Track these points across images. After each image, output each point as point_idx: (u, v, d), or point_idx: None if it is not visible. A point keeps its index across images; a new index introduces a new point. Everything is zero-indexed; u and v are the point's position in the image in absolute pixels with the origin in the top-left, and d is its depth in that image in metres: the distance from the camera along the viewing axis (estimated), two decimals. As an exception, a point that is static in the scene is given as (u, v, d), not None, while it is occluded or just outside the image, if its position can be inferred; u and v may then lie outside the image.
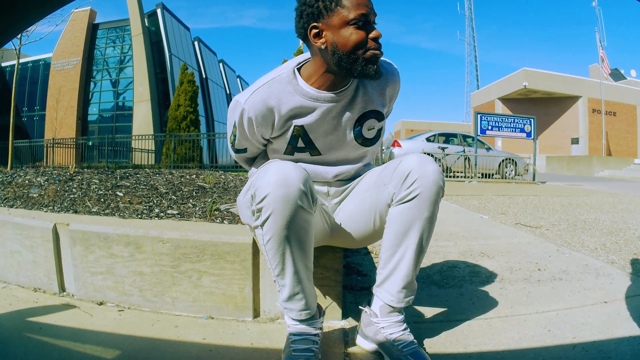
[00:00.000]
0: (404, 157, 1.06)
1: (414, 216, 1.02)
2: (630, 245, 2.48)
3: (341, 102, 1.09)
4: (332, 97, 1.07)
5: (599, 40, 23.59)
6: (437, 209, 1.04)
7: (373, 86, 1.13)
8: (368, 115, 1.13)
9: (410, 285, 1.07)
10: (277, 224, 0.92)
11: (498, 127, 10.79)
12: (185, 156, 12.11)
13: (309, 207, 0.94)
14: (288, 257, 0.96)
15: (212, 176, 2.84)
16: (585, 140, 23.14)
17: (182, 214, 1.74)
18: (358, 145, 1.16)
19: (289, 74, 1.07)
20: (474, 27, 46.45)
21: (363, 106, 1.11)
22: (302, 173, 0.94)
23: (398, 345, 1.03)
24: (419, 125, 33.32)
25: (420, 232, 1.03)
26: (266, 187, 0.91)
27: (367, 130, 1.15)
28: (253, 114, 1.06)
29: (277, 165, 0.94)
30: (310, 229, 0.98)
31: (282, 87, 1.06)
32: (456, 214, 3.59)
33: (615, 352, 1.09)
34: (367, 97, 1.12)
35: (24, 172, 2.83)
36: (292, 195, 0.91)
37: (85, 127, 20.49)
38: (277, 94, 1.05)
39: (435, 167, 1.02)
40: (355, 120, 1.12)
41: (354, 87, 1.10)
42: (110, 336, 1.19)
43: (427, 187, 1.00)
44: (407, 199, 1.02)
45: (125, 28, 20.43)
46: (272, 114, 1.06)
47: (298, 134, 1.10)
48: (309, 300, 1.03)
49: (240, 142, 1.17)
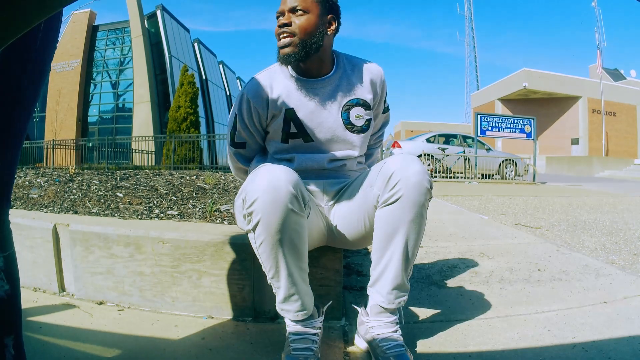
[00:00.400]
0: (389, 157, 1.06)
1: (399, 218, 1.01)
2: (630, 245, 2.48)
3: (326, 88, 1.19)
4: (316, 81, 1.18)
5: (598, 40, 23.61)
6: (423, 210, 1.02)
7: (356, 76, 1.22)
8: (354, 103, 1.21)
9: (401, 287, 1.07)
10: (267, 228, 0.92)
11: (498, 127, 10.80)
12: (185, 157, 12.11)
13: (300, 210, 0.94)
14: (281, 260, 0.96)
15: (212, 177, 2.84)
16: (585, 140, 23.15)
17: (182, 215, 1.74)
18: (347, 132, 1.21)
19: (281, 64, 1.19)
20: (474, 28, 46.45)
21: (347, 93, 1.20)
22: (292, 176, 0.94)
23: (383, 346, 1.03)
24: (419, 126, 33.34)
25: (406, 235, 1.02)
26: (255, 192, 0.92)
27: (355, 118, 1.21)
28: (251, 94, 1.17)
29: (267, 169, 0.95)
30: (303, 231, 0.98)
31: (275, 74, 1.19)
32: (456, 215, 3.59)
33: (615, 352, 1.09)
34: (351, 85, 1.21)
35: (24, 173, 2.83)
36: (281, 199, 0.91)
37: (85, 128, 20.52)
38: (270, 79, 1.19)
39: (419, 168, 1.01)
40: (342, 107, 1.20)
41: (338, 76, 1.20)
42: (110, 336, 1.19)
43: (409, 189, 0.99)
44: (390, 201, 1.01)
45: (125, 30, 20.48)
46: (266, 95, 1.17)
47: (289, 117, 1.18)
48: (305, 300, 1.03)
49: (240, 133, 1.24)
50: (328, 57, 1.19)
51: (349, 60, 1.23)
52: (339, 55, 1.23)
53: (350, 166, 1.24)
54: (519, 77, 23.67)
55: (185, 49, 21.67)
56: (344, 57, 1.24)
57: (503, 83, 25.45)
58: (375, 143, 1.41)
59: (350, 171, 1.25)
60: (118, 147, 14.98)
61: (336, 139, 1.20)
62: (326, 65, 1.19)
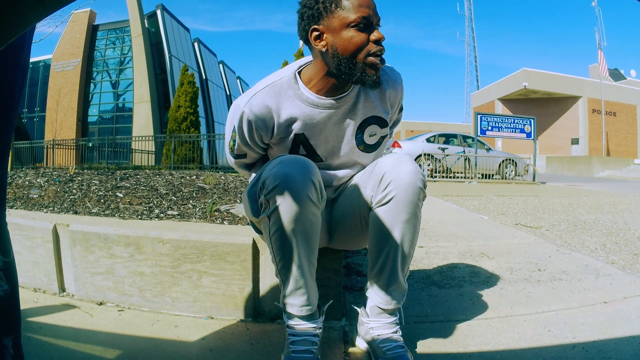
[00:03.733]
0: (381, 158, 1.04)
1: (392, 219, 1.00)
2: (630, 245, 2.48)
3: (342, 108, 1.07)
4: (333, 103, 1.05)
5: (598, 40, 23.61)
6: (417, 210, 1.00)
7: (374, 92, 1.10)
8: (369, 121, 1.11)
9: (399, 288, 1.06)
10: (284, 215, 0.92)
11: (498, 127, 10.79)
12: (185, 157, 12.11)
13: (317, 201, 0.94)
14: (293, 251, 0.96)
15: (212, 177, 2.84)
16: (585, 140, 23.15)
17: (182, 215, 1.74)
18: (360, 152, 1.14)
19: (290, 78, 1.05)
20: (474, 28, 46.48)
21: (364, 112, 1.09)
22: (312, 167, 0.94)
23: (383, 347, 1.03)
24: (419, 125, 33.31)
25: (401, 235, 1.01)
26: (276, 178, 0.91)
27: (369, 137, 1.13)
28: (253, 117, 1.03)
29: (289, 158, 0.94)
30: (318, 223, 0.97)
31: (282, 91, 1.04)
32: (456, 215, 3.59)
33: (615, 352, 1.09)
34: (369, 102, 1.10)
35: (24, 173, 2.83)
36: (301, 188, 0.90)
37: (85, 128, 20.52)
38: (277, 98, 1.03)
39: (411, 167, 0.99)
40: (357, 127, 1.10)
41: (355, 92, 1.08)
42: (110, 336, 1.19)
43: (402, 190, 0.98)
44: (383, 202, 1.00)
45: (125, 29, 20.47)
46: (271, 118, 1.04)
47: (299, 142, 1.08)
48: (311, 296, 1.03)
49: (240, 147, 1.14)
50: None
51: None
52: None
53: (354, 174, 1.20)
54: (519, 77, 23.67)
55: (185, 48, 21.67)
56: None
57: (503, 83, 25.45)
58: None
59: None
60: (118, 147, 14.97)
61: (347, 161, 1.14)
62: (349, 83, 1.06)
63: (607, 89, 22.67)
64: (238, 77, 31.08)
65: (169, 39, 19.96)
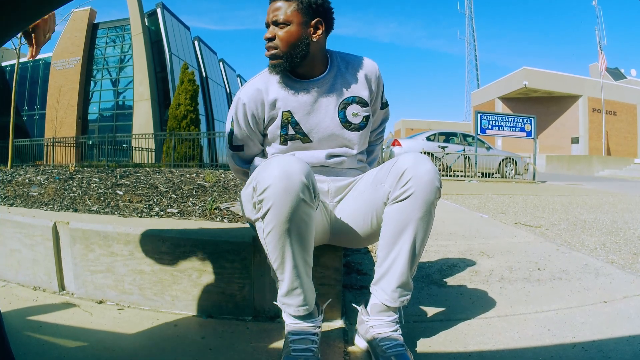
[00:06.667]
0: (401, 155, 1.07)
1: (408, 215, 1.03)
2: (630, 245, 2.48)
3: (322, 88, 1.20)
4: (310, 82, 1.19)
5: (598, 39, 23.56)
6: (432, 209, 1.04)
7: (350, 74, 1.23)
8: (349, 101, 1.21)
9: (406, 285, 1.07)
10: (278, 216, 0.93)
11: (498, 126, 10.78)
12: (185, 155, 12.10)
13: (310, 201, 0.95)
14: (288, 251, 0.97)
15: (212, 175, 2.84)
16: (585, 139, 23.13)
17: (182, 213, 1.74)
18: (345, 130, 1.21)
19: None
20: (474, 26, 46.34)
21: (342, 91, 1.21)
22: (304, 167, 0.95)
23: (383, 345, 1.03)
24: (419, 124, 33.28)
25: (414, 232, 1.03)
26: (268, 179, 0.93)
27: (352, 116, 1.22)
28: (247, 99, 1.19)
29: (280, 159, 0.96)
30: (312, 222, 0.98)
31: (270, 77, 1.20)
32: (456, 213, 3.59)
33: (614, 351, 1.09)
34: (346, 83, 1.22)
35: (24, 171, 2.83)
36: (294, 188, 0.92)
37: (86, 126, 20.49)
38: (266, 82, 1.20)
39: (430, 167, 1.03)
40: (339, 105, 1.20)
41: (332, 75, 1.21)
42: (110, 335, 1.19)
43: (421, 187, 1.01)
44: (401, 197, 1.03)
45: (125, 27, 20.41)
46: (262, 99, 1.19)
47: (287, 120, 1.19)
48: (308, 295, 1.03)
49: (237, 137, 1.25)
50: (319, 59, 1.20)
51: (343, 58, 1.24)
52: (332, 55, 1.24)
53: (350, 163, 1.24)
54: (519, 75, 23.63)
55: (185, 46, 21.63)
56: (338, 55, 1.25)
57: (503, 81, 25.41)
58: (376, 140, 1.41)
59: (350, 168, 1.25)
60: (118, 145, 14.95)
61: (334, 138, 1.21)
62: (319, 67, 1.20)
63: (607, 88, 22.64)
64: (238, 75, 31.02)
65: (169, 37, 19.91)
